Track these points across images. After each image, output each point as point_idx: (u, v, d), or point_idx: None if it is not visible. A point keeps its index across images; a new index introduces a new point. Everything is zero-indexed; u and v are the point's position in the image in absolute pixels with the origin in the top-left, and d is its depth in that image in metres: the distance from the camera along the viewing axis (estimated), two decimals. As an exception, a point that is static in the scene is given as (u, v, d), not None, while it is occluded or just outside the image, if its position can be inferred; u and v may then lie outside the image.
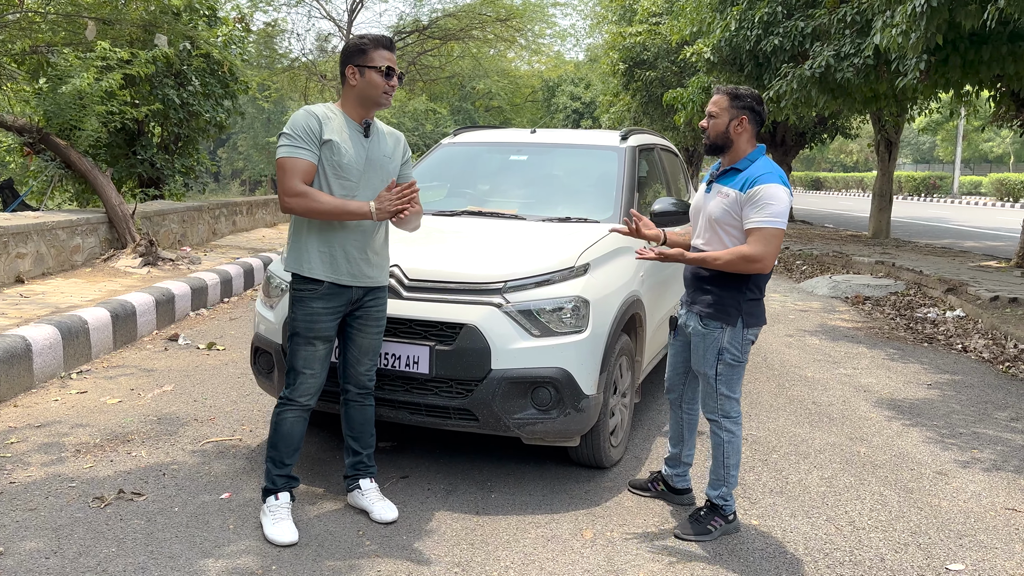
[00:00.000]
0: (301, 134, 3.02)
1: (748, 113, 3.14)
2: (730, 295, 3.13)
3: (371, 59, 3.05)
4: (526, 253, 3.65)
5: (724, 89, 3.21)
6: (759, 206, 3.01)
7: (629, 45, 17.90)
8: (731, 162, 3.19)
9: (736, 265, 3.03)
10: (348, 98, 3.13)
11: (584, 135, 5.07)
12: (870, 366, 6.25)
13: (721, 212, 3.12)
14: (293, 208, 3.02)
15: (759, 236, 3.00)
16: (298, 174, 3.00)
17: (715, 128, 3.17)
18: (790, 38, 11.28)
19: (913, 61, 8.75)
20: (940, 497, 3.71)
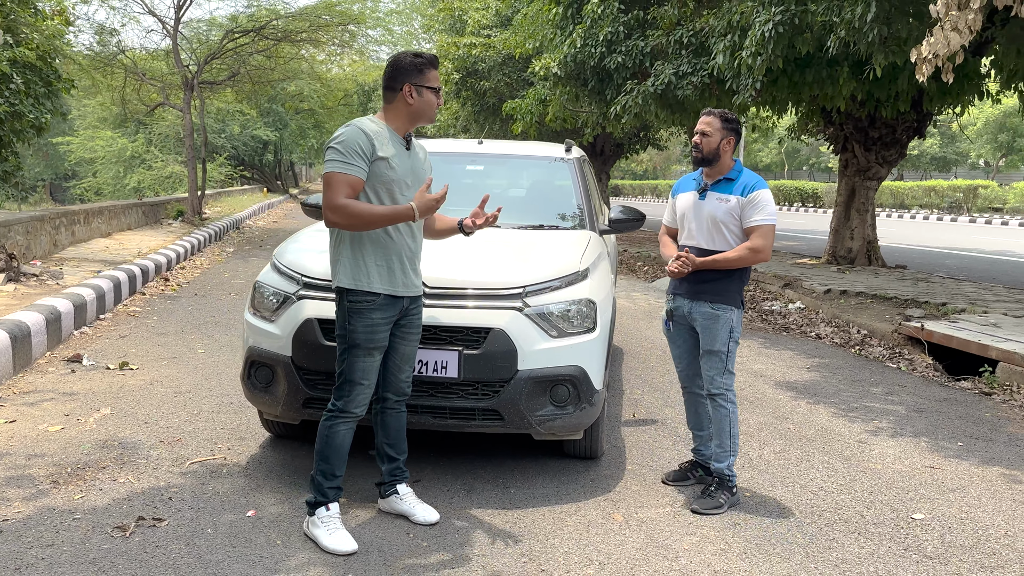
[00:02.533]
0: (352, 150, 3.06)
1: (734, 134, 3.64)
2: (734, 283, 3.66)
3: (428, 79, 3.16)
4: (538, 259, 3.87)
5: (716, 112, 3.66)
6: (759, 208, 3.56)
7: (463, 55, 18.30)
8: (720, 173, 3.68)
9: (746, 259, 3.56)
10: (399, 114, 3.20)
11: (530, 147, 5.34)
12: (752, 354, 7.01)
13: (724, 214, 3.60)
14: (338, 222, 3.05)
15: (762, 232, 3.56)
16: (346, 189, 3.04)
17: (708, 145, 3.63)
18: (631, 56, 12.16)
19: (749, 82, 9.78)
20: (873, 462, 4.36)
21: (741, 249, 3.58)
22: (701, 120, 3.68)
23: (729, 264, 3.59)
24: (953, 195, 29.21)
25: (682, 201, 3.81)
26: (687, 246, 3.73)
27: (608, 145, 22.28)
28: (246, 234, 17.93)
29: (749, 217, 3.58)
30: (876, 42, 7.53)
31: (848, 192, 12.47)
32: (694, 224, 3.72)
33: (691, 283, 3.70)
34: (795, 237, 20.54)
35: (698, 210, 3.70)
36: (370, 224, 3.07)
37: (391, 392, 3.34)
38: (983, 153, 41.69)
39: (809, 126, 13.11)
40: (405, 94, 3.17)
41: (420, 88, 3.15)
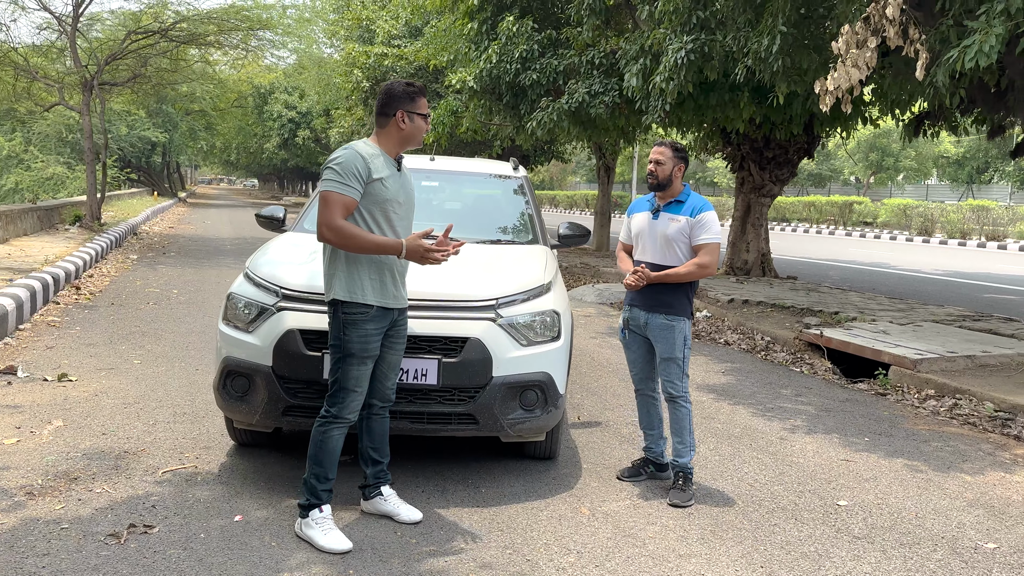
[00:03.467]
0: (350, 172, 3.26)
1: (684, 162, 4.05)
2: (685, 296, 4.07)
3: (419, 106, 3.40)
4: (507, 273, 4.14)
5: (667, 143, 4.08)
6: (706, 227, 3.99)
7: (374, 64, 18.35)
8: (671, 196, 4.09)
9: (695, 274, 3.97)
10: (391, 138, 3.42)
11: (479, 164, 5.60)
12: (672, 360, 7.50)
13: (675, 233, 4.00)
14: (330, 240, 3.25)
15: (708, 249, 3.98)
16: (341, 209, 3.24)
17: (663, 172, 4.03)
18: (545, 74, 12.61)
19: (659, 103, 10.38)
20: (796, 456, 4.85)
21: (691, 265, 3.97)
22: (655, 150, 4.08)
23: (680, 278, 3.97)
24: (831, 210, 31.34)
25: (637, 221, 4.19)
26: (642, 261, 4.10)
27: (512, 155, 22.76)
28: (145, 240, 17.34)
29: (697, 236, 3.98)
30: (780, 72, 8.20)
31: (744, 208, 13.32)
32: (648, 241, 4.09)
33: (647, 296, 4.07)
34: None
35: (652, 229, 4.08)
36: (359, 249, 3.27)
37: (377, 399, 3.53)
38: (855, 171, 44.77)
39: (709, 145, 13.92)
40: (398, 120, 3.39)
41: (412, 115, 3.39)
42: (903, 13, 6.49)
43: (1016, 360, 7.05)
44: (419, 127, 3.41)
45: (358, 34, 21.88)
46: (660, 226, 4.05)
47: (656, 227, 4.07)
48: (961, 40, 6.48)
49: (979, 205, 25.96)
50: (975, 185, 48.52)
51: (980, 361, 6.99)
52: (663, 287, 4.03)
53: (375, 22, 20.82)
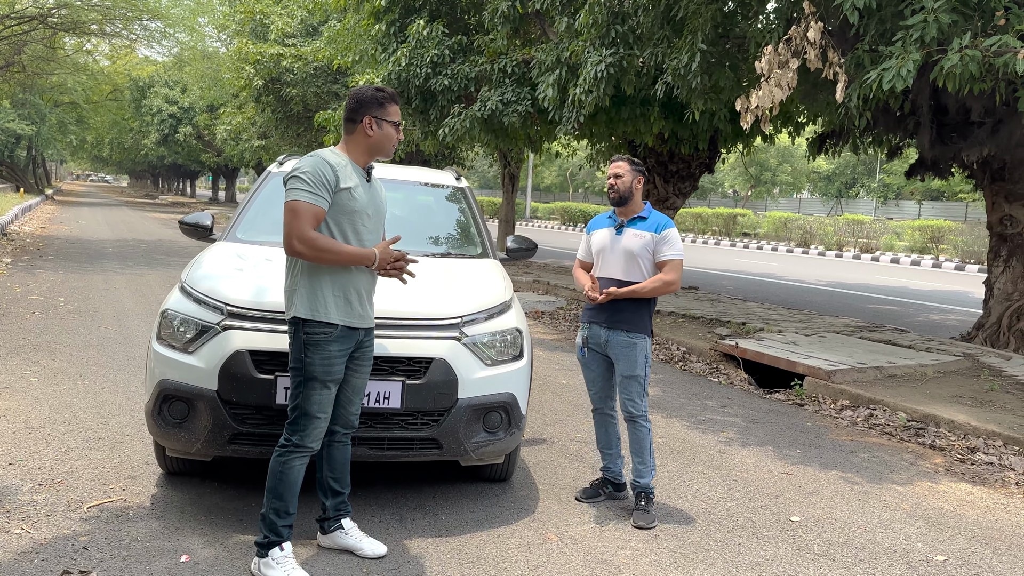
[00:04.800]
0: (316, 181, 3.03)
1: (642, 175, 4.01)
2: (645, 311, 4.02)
3: (388, 113, 3.20)
4: (469, 290, 3.97)
5: (624, 158, 4.07)
6: (670, 243, 3.96)
7: (269, 64, 17.66)
8: (633, 212, 4.06)
9: (660, 289, 3.93)
10: (359, 146, 3.20)
11: (421, 173, 5.38)
12: (597, 372, 7.50)
13: (640, 249, 3.96)
14: (302, 253, 3.01)
15: (673, 266, 3.95)
16: (311, 220, 3.01)
17: (623, 184, 3.99)
18: (457, 80, 12.47)
19: (573, 115, 10.43)
20: (739, 471, 4.90)
21: (656, 280, 3.93)
22: (613, 166, 4.04)
23: (645, 294, 3.93)
24: (716, 221, 32.64)
25: (598, 237, 4.12)
26: (603, 277, 4.02)
27: (416, 161, 22.45)
28: (16, 242, 16.01)
29: (662, 252, 3.95)
30: (697, 90, 8.39)
31: (650, 219, 13.58)
32: (611, 257, 4.03)
33: (608, 313, 4.00)
34: (590, 257, 21.90)
35: (615, 245, 4.02)
36: (334, 261, 3.06)
37: (339, 425, 3.30)
38: (735, 184, 46.84)
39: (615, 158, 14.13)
40: (365, 126, 3.18)
41: (380, 121, 3.18)
42: (823, 36, 6.75)
43: (919, 371, 7.44)
44: (388, 135, 3.21)
45: (251, 28, 21.03)
46: (624, 242, 4.00)
47: (620, 243, 4.01)
48: (876, 65, 6.81)
49: (854, 219, 27.64)
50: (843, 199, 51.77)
51: (888, 372, 7.35)
52: (624, 304, 3.97)
53: (269, 17, 20.06)
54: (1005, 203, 8.34)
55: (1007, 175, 8.13)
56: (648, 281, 3.94)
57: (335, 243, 3.06)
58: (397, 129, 3.25)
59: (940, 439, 5.84)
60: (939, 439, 5.84)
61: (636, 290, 3.92)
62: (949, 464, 5.35)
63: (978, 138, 7.52)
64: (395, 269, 3.17)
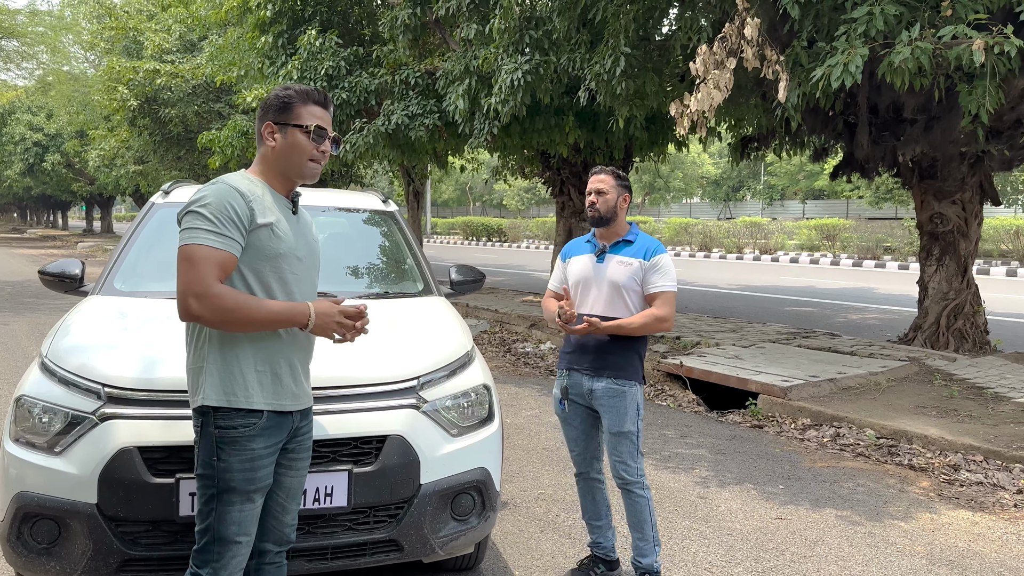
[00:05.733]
0: (223, 217, 2.23)
1: (628, 191, 3.37)
2: (635, 353, 3.35)
3: (296, 115, 2.38)
4: (424, 341, 3.19)
5: (608, 170, 3.40)
6: (662, 272, 3.31)
7: (143, 81, 16.24)
8: (616, 235, 3.40)
9: (650, 327, 3.26)
10: (267, 165, 2.41)
11: (338, 196, 4.54)
12: (538, 404, 6.83)
13: (627, 279, 3.30)
14: (202, 316, 2.19)
15: (666, 299, 3.30)
16: (216, 270, 2.20)
17: (606, 203, 3.33)
18: (355, 93, 11.63)
19: (485, 126, 9.79)
20: (728, 520, 4.30)
21: (647, 316, 3.26)
22: (594, 179, 3.37)
23: (634, 331, 3.25)
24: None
25: (577, 265, 3.44)
26: (583, 315, 3.34)
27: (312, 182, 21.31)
28: None
29: (652, 282, 3.29)
30: (622, 95, 7.87)
31: (566, 233, 13.09)
32: (593, 289, 3.35)
33: (592, 356, 3.32)
34: (500, 272, 21.30)
35: (596, 275, 3.35)
36: (251, 324, 2.24)
37: (271, 542, 2.47)
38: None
39: (527, 170, 13.59)
40: (265, 135, 2.39)
41: (284, 127, 2.37)
42: (760, 34, 6.33)
43: (872, 380, 7.12)
44: (295, 145, 2.37)
45: (123, 46, 19.41)
46: (608, 271, 3.32)
47: (602, 272, 3.33)
48: (814, 62, 6.45)
49: (752, 222, 28.18)
50: (732, 202, 53.37)
51: (841, 384, 6.98)
52: (611, 345, 3.30)
53: (143, 33, 18.57)
54: (935, 201, 8.19)
55: (938, 173, 7.97)
56: (638, 316, 3.27)
57: (251, 300, 2.24)
58: (312, 136, 2.38)
59: (917, 457, 5.45)
60: (916, 457, 5.45)
61: (623, 325, 3.24)
62: (937, 487, 4.94)
63: (913, 135, 7.30)
64: (351, 330, 2.37)
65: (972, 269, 8.34)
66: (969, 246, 8.19)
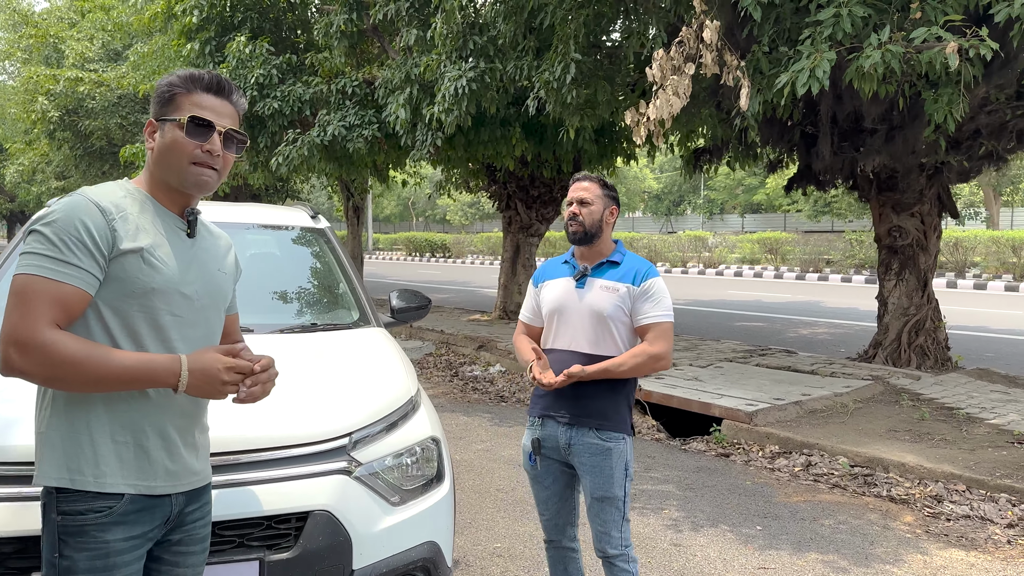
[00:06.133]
0: (69, 239, 1.66)
1: (615, 203, 2.92)
2: (623, 399, 2.83)
3: (176, 106, 1.81)
4: (358, 386, 2.63)
5: (593, 177, 2.92)
6: (655, 300, 2.80)
7: (65, 91, 15.26)
8: (601, 255, 2.90)
9: (643, 367, 2.75)
10: (150, 172, 1.85)
11: (259, 212, 3.94)
12: (490, 436, 6.29)
13: (613, 308, 2.78)
14: (27, 370, 1.63)
15: (661, 331, 2.78)
16: (52, 311, 1.63)
17: (591, 216, 2.84)
18: (289, 103, 10.99)
19: (428, 138, 9.28)
20: (707, 572, 3.84)
21: (639, 354, 2.74)
22: (577, 187, 2.88)
23: (622, 373, 2.73)
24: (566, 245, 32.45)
25: (552, 291, 2.91)
26: (561, 350, 2.83)
27: (244, 196, 20.43)
28: None
29: (644, 312, 2.78)
30: (573, 104, 7.44)
31: (513, 248, 12.62)
32: (574, 320, 2.82)
33: (571, 402, 2.79)
34: (445, 289, 20.72)
35: (577, 302, 2.83)
36: (95, 383, 1.66)
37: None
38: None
39: (472, 184, 13.09)
40: (147, 136, 1.84)
41: (163, 123, 1.80)
42: (719, 38, 5.97)
43: (838, 402, 6.78)
44: (171, 144, 1.79)
45: (43, 55, 18.31)
46: (590, 298, 2.80)
47: (584, 300, 2.81)
48: (775, 68, 6.11)
49: (697, 236, 28.20)
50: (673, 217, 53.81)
51: (808, 407, 6.62)
52: (594, 389, 2.76)
53: (65, 42, 17.53)
54: (893, 214, 7.96)
55: (897, 184, 7.73)
56: (627, 355, 2.75)
57: (95, 351, 1.66)
58: (190, 130, 1.79)
59: (895, 487, 5.09)
60: (894, 487, 5.09)
61: (610, 368, 2.71)
62: (923, 522, 4.56)
63: (874, 146, 7.03)
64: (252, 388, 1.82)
65: (932, 283, 8.13)
66: (929, 260, 7.97)
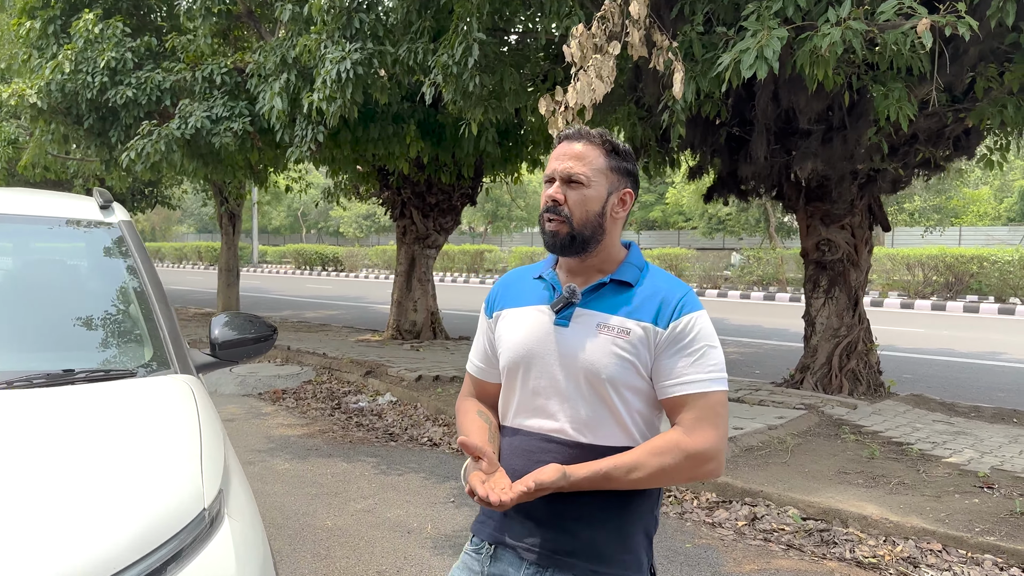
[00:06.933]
0: None
1: (630, 180, 1.75)
2: (640, 527, 1.68)
3: None
4: (101, 501, 1.45)
5: (592, 135, 1.71)
6: (697, 352, 1.64)
7: None
8: (602, 269, 1.73)
9: (675, 473, 1.61)
10: None
11: (27, 200, 2.67)
12: (374, 490, 5.13)
13: (620, 364, 1.63)
14: None
15: (707, 408, 1.61)
16: None
17: (584, 206, 1.68)
18: (146, 91, 9.53)
19: (309, 133, 8.08)
20: None
21: (668, 449, 1.59)
22: (563, 150, 1.70)
23: (637, 481, 1.59)
24: (463, 259, 31.35)
25: (516, 328, 1.76)
26: (531, 432, 1.70)
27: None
28: None
29: (678, 373, 1.63)
30: (475, 93, 6.41)
31: (408, 261, 11.47)
32: (551, 382, 1.69)
33: (547, 527, 1.65)
34: (334, 304, 19.26)
35: (556, 350, 1.69)
36: None
37: None
38: (473, 220, 46.49)
39: (362, 190, 11.86)
40: None
41: None
42: (648, 14, 5.08)
43: (773, 436, 5.97)
44: None
45: None
46: (579, 344, 1.67)
47: (569, 346, 1.68)
48: (710, 53, 5.28)
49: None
50: (572, 231, 53.72)
51: (743, 443, 5.78)
52: (590, 506, 1.63)
53: None
54: (822, 226, 7.29)
55: (828, 194, 7.06)
56: (645, 449, 1.61)
57: None
58: None
59: (859, 546, 4.27)
60: (858, 546, 4.27)
61: (613, 473, 1.58)
62: (905, 596, 3.73)
63: (810, 149, 6.31)
64: None
65: (864, 302, 7.50)
66: (860, 276, 7.34)
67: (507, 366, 1.75)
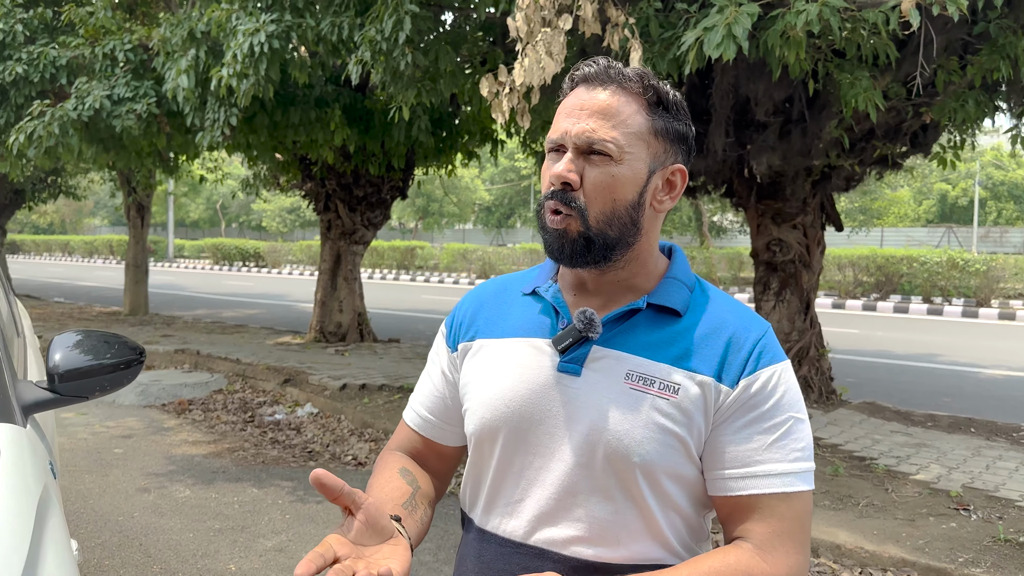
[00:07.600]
0: None
1: (685, 154, 1.17)
2: None
3: None
4: None
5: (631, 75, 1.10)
6: (779, 429, 1.07)
7: None
8: (633, 287, 1.16)
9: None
10: None
11: None
12: (287, 523, 4.47)
13: (660, 441, 1.05)
14: None
15: (794, 520, 1.05)
16: None
17: (611, 191, 1.08)
18: (39, 68, 8.59)
19: (221, 115, 7.32)
20: None
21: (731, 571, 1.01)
22: (582, 101, 1.09)
23: None
24: (393, 255, 30.48)
25: (496, 370, 1.16)
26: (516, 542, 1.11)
27: (2, 192, 16.98)
28: None
29: (751, 459, 1.06)
30: (407, 74, 5.78)
31: (333, 258, 10.72)
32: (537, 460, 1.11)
33: None
34: (254, 303, 18.24)
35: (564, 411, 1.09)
36: None
37: None
38: (403, 216, 45.58)
39: (282, 180, 11.04)
40: None
41: None
42: (600, -14, 4.55)
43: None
44: None
45: None
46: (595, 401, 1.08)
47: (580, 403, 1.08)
48: (669, 32, 4.79)
49: (531, 248, 27.27)
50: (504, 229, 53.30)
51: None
52: None
53: None
54: (773, 225, 6.91)
55: (781, 191, 6.68)
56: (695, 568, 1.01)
57: None
58: None
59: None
60: (834, 581, 3.83)
61: None
62: (895, 644, 3.29)
63: (767, 142, 5.89)
64: None
65: (815, 305, 7.17)
66: (812, 278, 7.00)
67: (479, 431, 1.15)
